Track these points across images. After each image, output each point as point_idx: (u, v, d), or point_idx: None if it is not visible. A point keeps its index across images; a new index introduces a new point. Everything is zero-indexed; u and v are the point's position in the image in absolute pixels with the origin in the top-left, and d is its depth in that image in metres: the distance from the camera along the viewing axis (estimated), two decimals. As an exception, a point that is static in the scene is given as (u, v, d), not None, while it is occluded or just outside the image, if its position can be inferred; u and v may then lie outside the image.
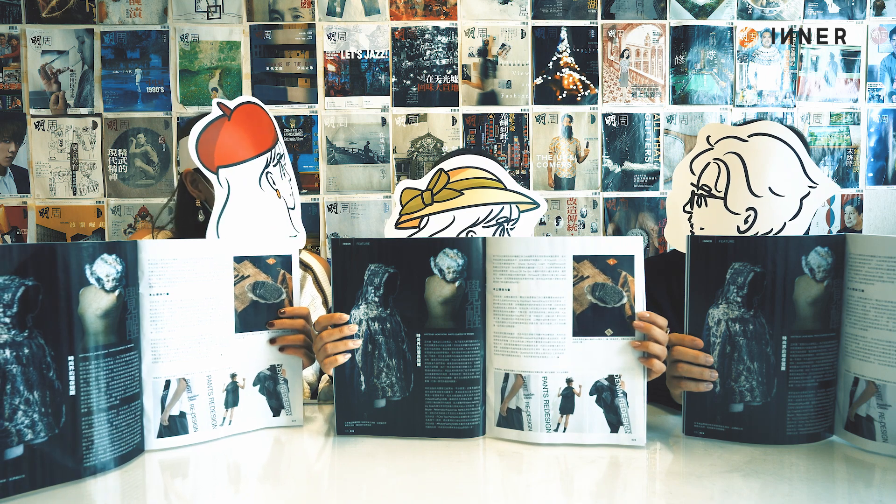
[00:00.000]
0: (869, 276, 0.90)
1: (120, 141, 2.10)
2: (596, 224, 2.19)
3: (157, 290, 0.94)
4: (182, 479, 0.87)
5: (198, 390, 0.98)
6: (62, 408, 0.83)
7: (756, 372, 0.94)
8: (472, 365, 0.99)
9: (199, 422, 0.98)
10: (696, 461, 0.89)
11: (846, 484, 0.82)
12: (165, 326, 0.94)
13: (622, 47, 2.16)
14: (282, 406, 1.06)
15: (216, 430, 0.99)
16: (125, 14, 2.08)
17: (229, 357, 1.01)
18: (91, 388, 0.85)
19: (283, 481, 0.86)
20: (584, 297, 0.95)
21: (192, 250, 0.97)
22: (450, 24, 2.13)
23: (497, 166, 1.16)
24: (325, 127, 2.13)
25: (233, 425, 1.01)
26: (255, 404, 1.03)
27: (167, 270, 0.94)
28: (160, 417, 0.95)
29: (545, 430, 0.96)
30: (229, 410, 1.01)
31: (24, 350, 0.80)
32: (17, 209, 2.09)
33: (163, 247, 0.95)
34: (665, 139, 2.18)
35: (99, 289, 0.86)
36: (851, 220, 2.21)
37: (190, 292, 0.96)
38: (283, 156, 1.23)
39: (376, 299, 0.98)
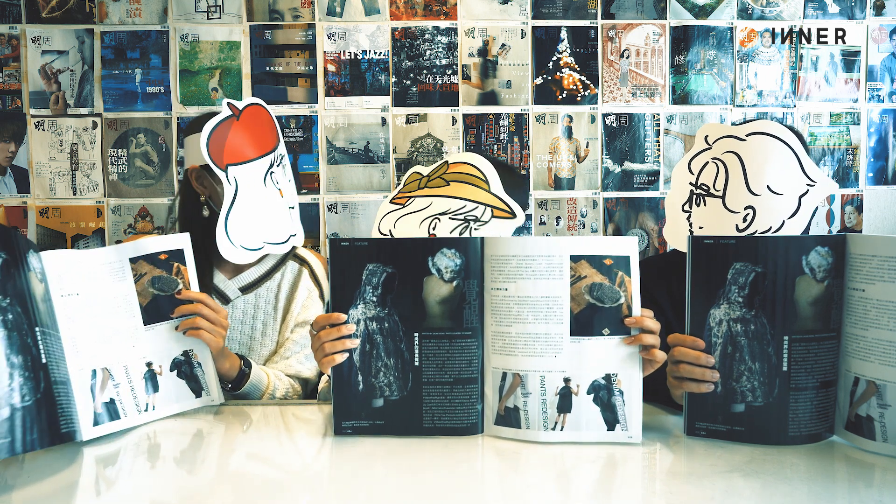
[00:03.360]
0: (870, 275, 0.90)
1: (120, 141, 2.10)
2: (596, 224, 2.18)
3: (67, 290, 1.01)
4: (175, 475, 0.87)
5: (119, 379, 1.04)
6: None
7: (757, 372, 0.93)
8: (470, 364, 0.98)
9: (126, 408, 1.04)
10: (696, 461, 0.89)
11: (846, 484, 0.82)
12: (80, 322, 1.02)
13: (622, 47, 2.16)
14: (201, 388, 1.13)
15: (141, 415, 1.06)
16: (125, 14, 2.08)
17: (142, 347, 1.08)
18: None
19: (282, 481, 0.86)
20: (581, 296, 0.94)
21: (89, 257, 1.05)
22: (450, 24, 2.13)
23: (490, 169, 1.18)
24: (325, 127, 2.13)
25: (157, 410, 1.08)
26: (175, 388, 1.11)
27: (71, 274, 1.02)
28: (93, 405, 1.00)
29: (543, 428, 0.95)
30: (151, 396, 1.08)
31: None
32: (17, 209, 2.09)
33: (64, 256, 1.03)
34: (665, 139, 2.17)
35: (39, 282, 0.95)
36: (851, 220, 2.21)
37: (96, 292, 1.04)
38: (285, 157, 1.25)
39: (374, 299, 0.98)
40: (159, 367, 1.09)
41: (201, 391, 1.13)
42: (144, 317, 1.09)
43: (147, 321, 1.09)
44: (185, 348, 1.12)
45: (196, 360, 1.13)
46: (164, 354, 1.10)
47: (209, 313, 1.12)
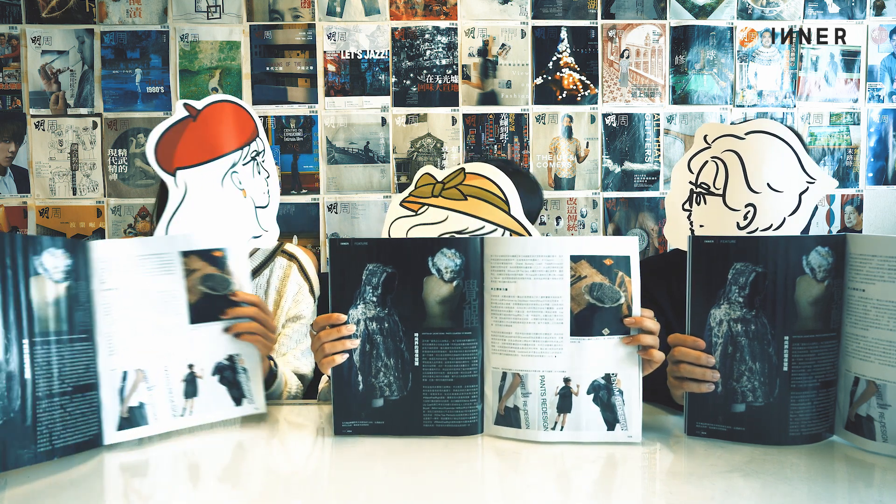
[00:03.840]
0: (870, 275, 0.90)
1: (120, 141, 2.10)
2: (596, 224, 2.18)
3: (108, 285, 0.96)
4: (176, 475, 0.87)
5: (155, 381, 0.99)
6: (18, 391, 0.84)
7: (758, 372, 0.93)
8: (470, 364, 0.98)
9: (158, 412, 0.98)
10: (696, 461, 0.89)
11: (846, 484, 0.82)
12: (118, 319, 0.96)
13: (622, 47, 2.16)
14: (243, 395, 1.06)
15: (176, 420, 1.00)
16: (125, 14, 2.08)
17: (185, 348, 1.02)
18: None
19: (282, 481, 0.86)
20: (581, 296, 0.94)
21: (140, 248, 0.99)
22: (450, 24, 2.13)
23: (511, 188, 1.13)
24: (325, 127, 2.13)
25: (194, 416, 1.02)
26: (215, 394, 1.04)
27: (117, 266, 0.97)
28: (120, 409, 0.95)
29: (542, 428, 0.95)
30: (189, 401, 1.02)
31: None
32: (17, 209, 2.09)
33: (111, 245, 0.98)
34: (665, 139, 2.17)
35: (47, 279, 0.89)
36: (851, 220, 2.21)
37: (141, 287, 0.98)
38: (263, 153, 1.20)
39: (374, 299, 0.98)
40: (201, 371, 1.03)
41: (242, 399, 1.06)
42: (191, 315, 1.02)
43: (193, 320, 1.02)
44: (230, 352, 1.05)
45: (241, 366, 1.06)
46: (207, 357, 1.04)
47: (265, 318, 1.08)
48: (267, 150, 1.21)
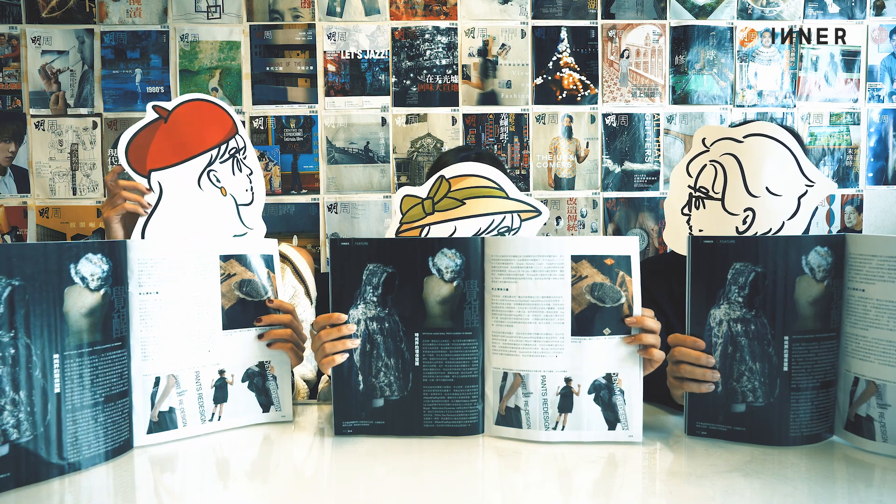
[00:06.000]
0: (870, 275, 0.90)
1: (120, 141, 2.10)
2: (596, 224, 2.18)
3: (146, 288, 0.95)
4: (172, 474, 0.87)
5: (186, 386, 0.99)
6: (47, 405, 0.83)
7: (758, 372, 0.94)
8: (470, 364, 0.98)
9: (187, 417, 0.99)
10: (696, 461, 0.89)
11: (846, 484, 0.82)
12: (155, 325, 0.96)
13: (622, 47, 2.16)
14: (271, 402, 1.07)
15: (205, 425, 1.01)
16: (125, 14, 2.08)
17: (217, 353, 1.02)
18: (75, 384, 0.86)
19: (282, 481, 0.86)
20: (582, 296, 0.94)
21: (180, 249, 0.98)
22: (450, 24, 2.13)
23: (499, 173, 1.13)
24: (325, 127, 2.13)
25: (222, 421, 1.02)
26: (243, 400, 1.04)
27: (157, 269, 0.96)
28: (150, 414, 0.95)
29: (544, 428, 0.95)
30: (218, 406, 1.02)
31: None
32: (17, 209, 2.09)
33: (152, 246, 0.96)
34: (665, 139, 2.18)
35: (83, 287, 0.87)
36: (851, 220, 2.21)
37: (178, 291, 0.98)
38: (243, 150, 1.19)
39: (374, 299, 0.98)
40: (231, 376, 1.03)
41: (270, 406, 1.06)
42: (224, 321, 1.02)
43: (226, 326, 1.02)
44: (261, 359, 1.06)
45: (272, 374, 1.06)
46: (238, 363, 1.04)
47: (297, 326, 1.08)
48: (249, 147, 1.19)
